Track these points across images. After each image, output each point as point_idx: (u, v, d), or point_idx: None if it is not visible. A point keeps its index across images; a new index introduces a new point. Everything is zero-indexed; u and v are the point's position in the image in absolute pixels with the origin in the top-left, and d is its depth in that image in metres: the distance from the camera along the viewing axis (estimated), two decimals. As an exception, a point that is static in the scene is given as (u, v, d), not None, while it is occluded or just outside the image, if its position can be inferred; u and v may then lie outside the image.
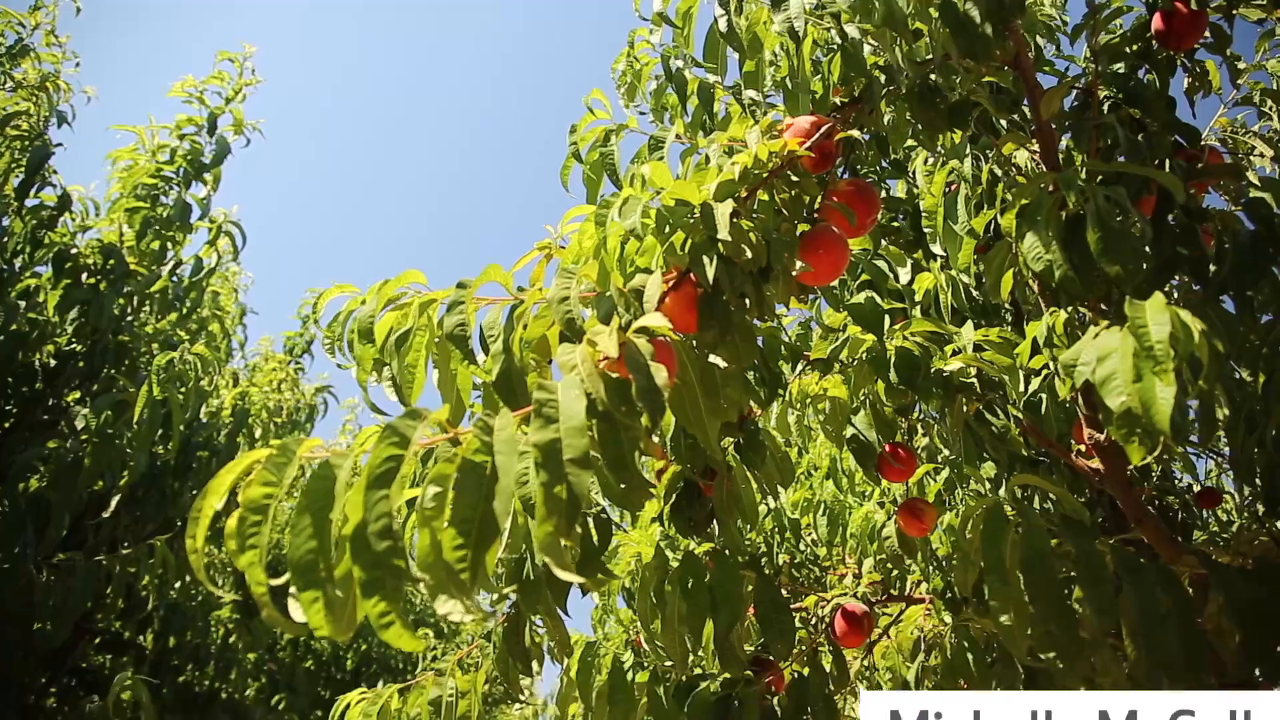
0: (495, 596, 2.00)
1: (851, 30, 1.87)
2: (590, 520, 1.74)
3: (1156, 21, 1.93)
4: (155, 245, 4.41)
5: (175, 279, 4.50)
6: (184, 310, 4.55)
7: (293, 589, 0.83)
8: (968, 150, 2.34)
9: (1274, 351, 1.74)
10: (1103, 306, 1.90)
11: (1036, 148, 2.04)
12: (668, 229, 1.40)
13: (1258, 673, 1.40)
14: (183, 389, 3.96)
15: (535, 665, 2.03)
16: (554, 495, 0.90)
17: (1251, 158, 3.11)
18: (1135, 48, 2.02)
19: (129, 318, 4.40)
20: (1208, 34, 1.99)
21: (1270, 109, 3.25)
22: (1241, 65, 3.06)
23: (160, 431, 4.06)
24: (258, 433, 5.53)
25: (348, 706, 2.13)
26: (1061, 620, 1.31)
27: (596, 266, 1.41)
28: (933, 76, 1.96)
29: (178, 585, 4.80)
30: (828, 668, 2.24)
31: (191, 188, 4.54)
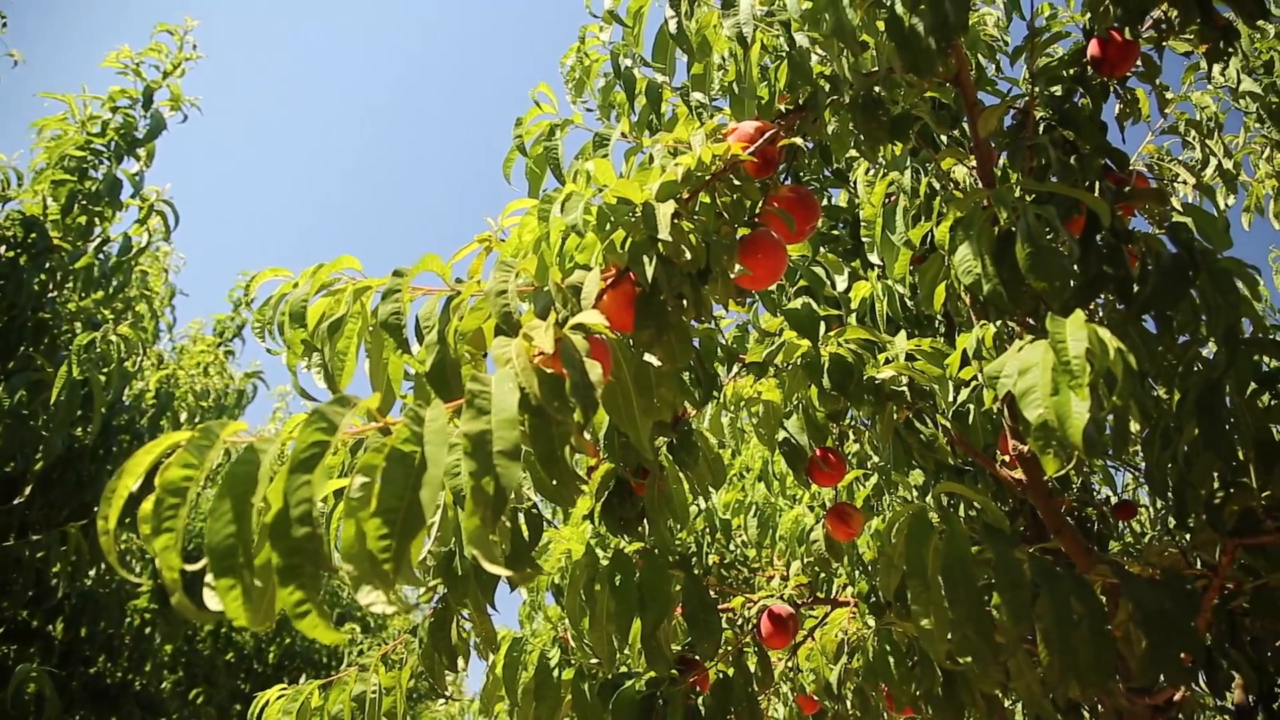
0: (422, 590, 1.98)
1: (800, 38, 1.89)
2: (521, 515, 1.73)
3: (1093, 48, 1.99)
4: (82, 220, 4.27)
5: (102, 256, 4.36)
6: (110, 289, 4.41)
7: (209, 576, 0.81)
8: (908, 163, 2.39)
9: (1189, 371, 1.80)
10: (1030, 321, 1.95)
11: (974, 164, 2.09)
12: (609, 227, 1.40)
13: (1162, 678, 1.45)
14: (105, 370, 3.84)
15: (461, 661, 2.01)
16: (481, 486, 0.89)
17: (1175, 184, 3.22)
18: (1072, 72, 2.08)
19: (50, 294, 4.25)
20: (1139, 63, 2.06)
21: (1194, 139, 3.38)
22: (1169, 95, 3.18)
23: (79, 413, 3.92)
24: (183, 417, 5.39)
25: (266, 703, 2.08)
26: (979, 625, 1.34)
27: (536, 261, 1.41)
28: (877, 89, 1.99)
29: (91, 573, 4.65)
30: (752, 668, 2.27)
31: (123, 163, 4.39)
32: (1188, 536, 1.97)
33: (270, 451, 0.87)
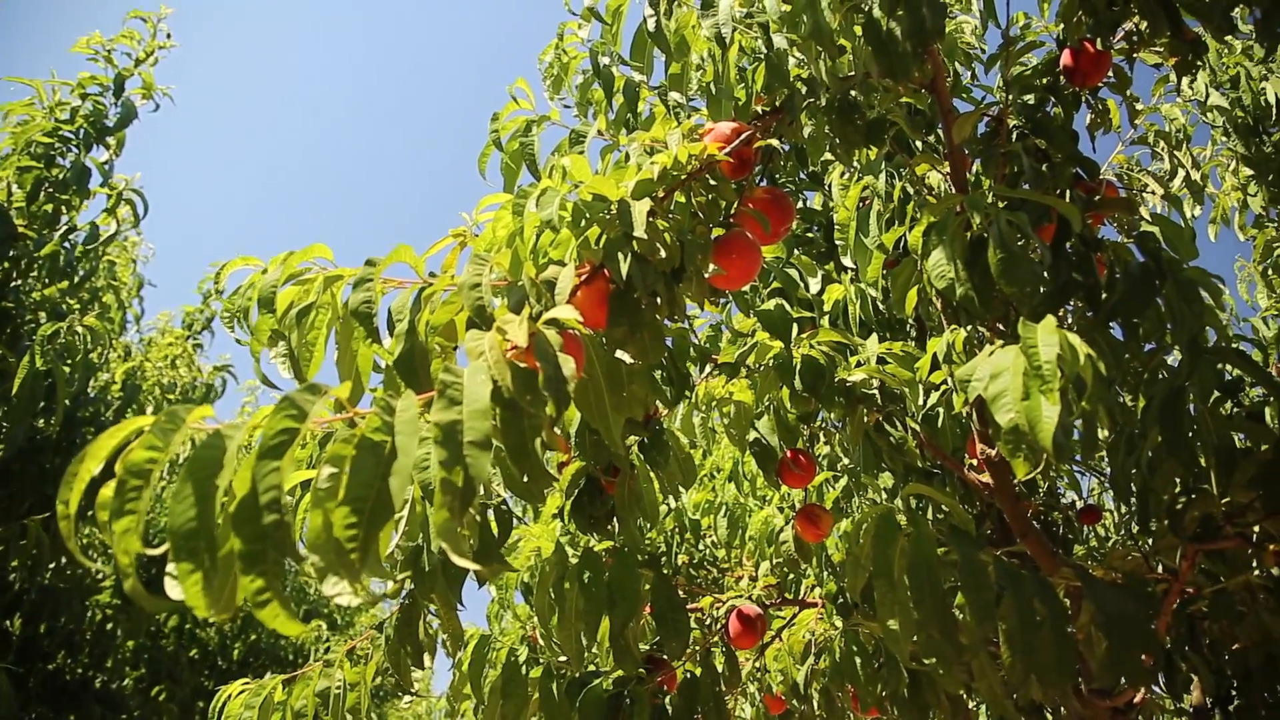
0: (389, 585, 1.96)
1: (778, 40, 1.90)
2: (490, 512, 1.73)
3: (1066, 58, 2.01)
4: (48, 208, 4.19)
5: (68, 245, 4.29)
6: (75, 279, 4.34)
7: (170, 560, 0.80)
8: (883, 167, 2.41)
9: (1154, 378, 1.83)
10: (1000, 326, 1.97)
11: (948, 170, 2.11)
12: (584, 223, 1.40)
13: (1122, 680, 1.47)
14: (70, 361, 3.78)
15: (427, 658, 2.00)
16: (450, 476, 0.89)
17: (1144, 194, 3.27)
18: (1045, 81, 2.10)
19: (14, 283, 4.18)
20: (1111, 74, 2.09)
21: (1162, 150, 3.43)
22: (1139, 106, 3.22)
23: (42, 405, 3.86)
24: (149, 410, 5.32)
25: (228, 698, 2.06)
26: (943, 625, 1.35)
27: (510, 255, 1.40)
28: (853, 93, 2.00)
29: (51, 567, 4.57)
30: (720, 668, 2.27)
31: (92, 150, 4.32)
32: (1150, 541, 2.00)
33: (237, 438, 0.86)
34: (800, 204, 3.10)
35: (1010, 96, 2.06)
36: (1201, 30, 1.93)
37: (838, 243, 2.40)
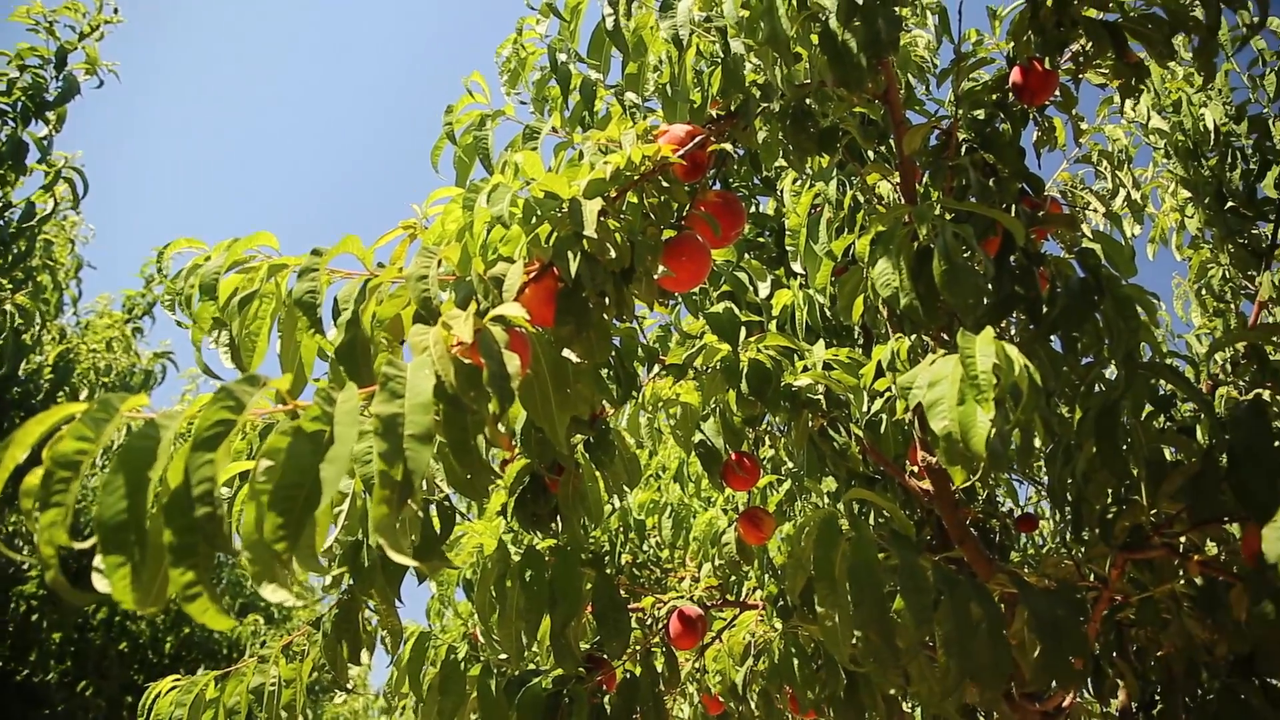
0: (327, 580, 1.94)
1: (735, 45, 1.91)
2: (433, 507, 1.71)
3: (1015, 75, 2.05)
4: (-18, 184, 4.07)
5: (2, 221, 4.15)
6: (9, 257, 4.20)
7: (98, 553, 0.78)
8: (834, 175, 2.43)
9: (1090, 391, 1.87)
10: (944, 336, 2.01)
11: (898, 180, 2.13)
12: (534, 220, 1.40)
13: (1053, 683, 1.51)
14: None
15: (365, 654, 1.98)
16: (390, 470, 0.88)
17: (1086, 212, 3.36)
18: (994, 97, 2.13)
19: (-57, 259, 4.04)
20: (1058, 93, 2.13)
21: (1105, 170, 3.52)
22: (1084, 126, 3.31)
23: (-31, 386, 3.74)
24: (82, 394, 5.18)
25: (158, 695, 2.01)
26: (881, 628, 1.37)
27: (459, 250, 1.39)
28: (808, 101, 2.02)
29: (-24, 554, 4.43)
30: (659, 668, 2.28)
31: (31, 125, 4.19)
32: (1082, 550, 2.04)
33: (172, 428, 0.84)
34: (753, 209, 3.13)
35: (960, 111, 2.09)
36: (1145, 55, 1.98)
37: (788, 248, 2.42)
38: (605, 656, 2.16)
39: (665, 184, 1.58)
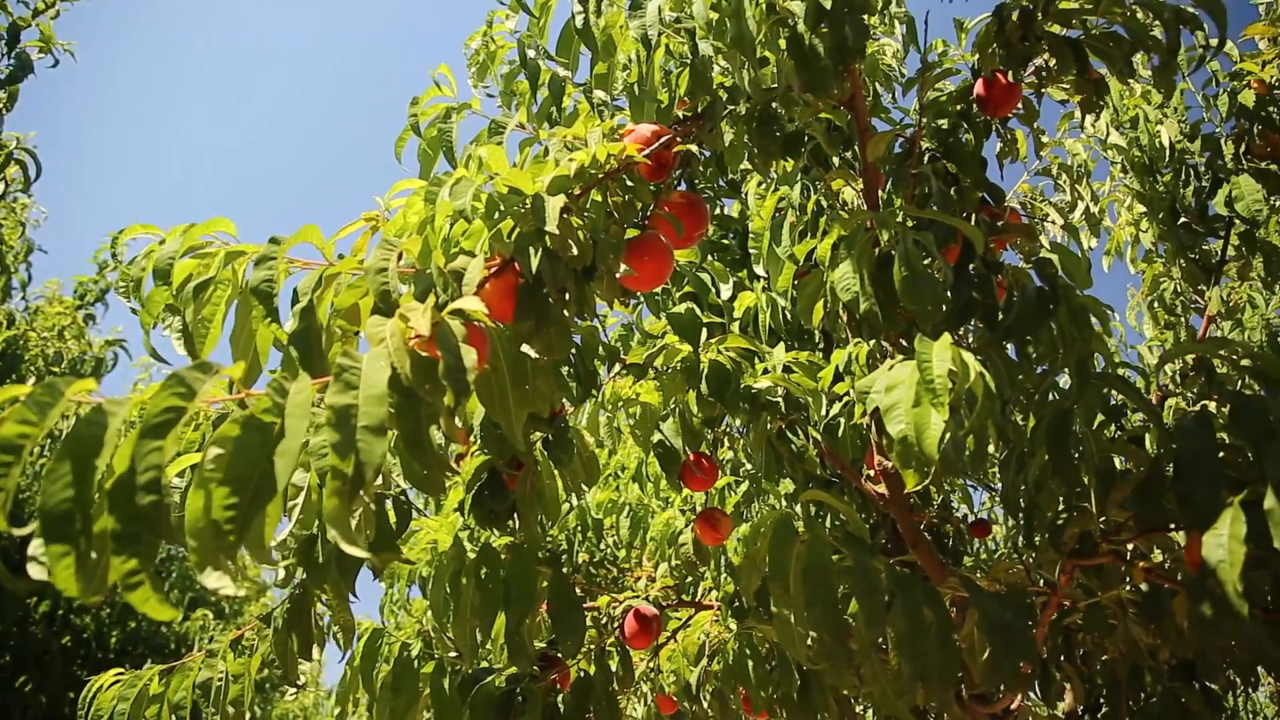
0: (280, 575, 1.91)
1: (704, 47, 1.91)
2: (389, 502, 1.69)
3: (979, 87, 2.07)
4: (-73, 163, 3.96)
5: (-51, 203, 4.05)
6: (-44, 238, 4.10)
7: (38, 542, 0.76)
8: (799, 179, 2.44)
9: (1044, 400, 1.90)
10: (903, 342, 2.03)
11: (861, 186, 2.15)
12: (497, 215, 1.39)
13: (1001, 685, 1.53)
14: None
15: (316, 650, 1.95)
16: (342, 461, 0.87)
17: (1045, 223, 3.41)
18: (958, 108, 2.16)
19: (-112, 240, 3.92)
20: (1020, 106, 2.17)
21: (1064, 183, 3.58)
22: (1045, 139, 3.36)
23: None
24: (30, 381, 5.06)
25: (99, 689, 1.97)
26: (834, 629, 1.38)
27: (419, 242, 1.38)
28: (774, 105, 2.03)
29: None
30: (614, 667, 2.28)
31: (-20, 104, 4.09)
32: (1033, 555, 2.07)
33: (120, 415, 0.83)
34: (718, 211, 3.14)
35: (925, 120, 2.11)
36: (1105, 71, 2.02)
37: (751, 251, 2.43)
38: (560, 655, 2.16)
39: (630, 183, 1.57)
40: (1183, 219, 3.32)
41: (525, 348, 1.34)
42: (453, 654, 2.13)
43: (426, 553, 2.12)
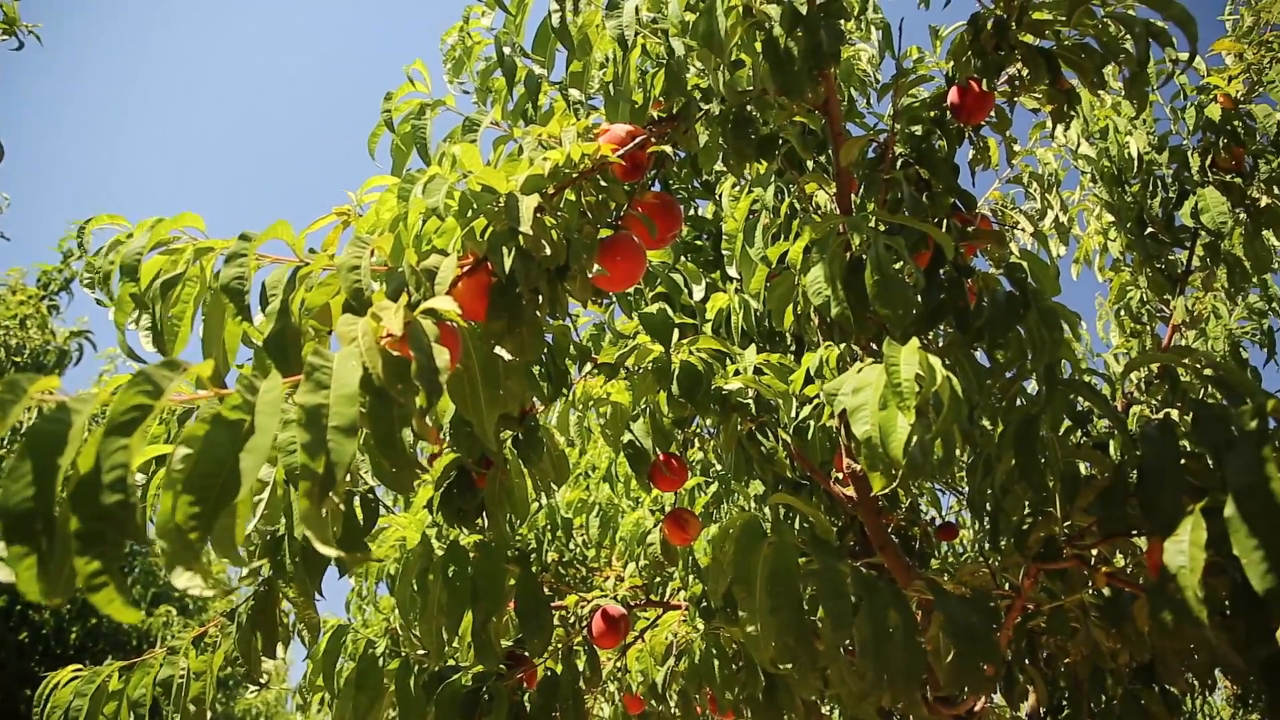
0: (244, 572, 1.89)
1: (679, 47, 1.91)
2: (356, 499, 1.68)
3: (953, 95, 2.09)
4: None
5: (-91, 189, 3.96)
6: (-86, 225, 4.01)
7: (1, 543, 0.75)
8: (772, 182, 2.45)
9: (1011, 405, 1.92)
10: (873, 345, 2.04)
11: (834, 190, 2.17)
12: (470, 213, 1.38)
13: (965, 688, 1.54)
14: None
15: (280, 647, 1.93)
16: (313, 461, 0.86)
17: (1015, 230, 3.45)
18: (932, 114, 2.18)
19: None
20: (993, 114, 2.19)
21: (1035, 191, 3.63)
22: (1017, 148, 3.40)
23: None
24: (-7, 373, 4.96)
25: (57, 685, 1.93)
26: (799, 632, 1.39)
27: (392, 240, 1.37)
28: (749, 108, 2.04)
29: None
30: (581, 667, 2.27)
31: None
32: (998, 559, 2.10)
33: (85, 413, 0.81)
34: (691, 212, 3.14)
35: (898, 126, 2.13)
36: (1077, 82, 2.04)
37: (724, 252, 2.44)
38: (527, 654, 2.15)
39: (604, 183, 1.57)
40: (1150, 229, 3.37)
41: (498, 348, 1.34)
42: (419, 651, 2.11)
43: (395, 550, 2.11)
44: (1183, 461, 1.38)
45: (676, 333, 2.14)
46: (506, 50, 2.54)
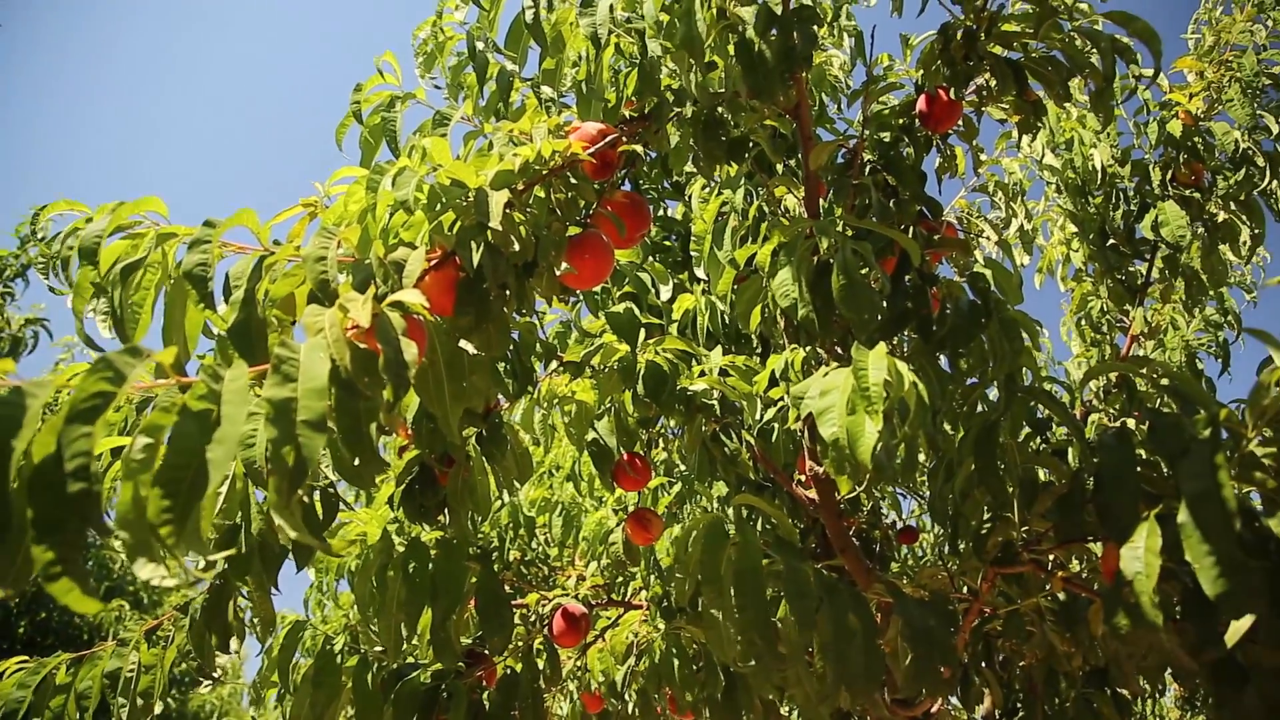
0: (201, 564, 1.86)
1: (653, 47, 1.92)
2: (316, 493, 1.66)
3: (921, 103, 2.11)
4: None
5: None
6: None
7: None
8: (742, 185, 2.46)
9: (972, 411, 1.95)
10: (838, 349, 2.06)
11: (803, 194, 2.18)
12: (439, 207, 1.37)
13: (923, 690, 1.56)
14: None
15: (235, 642, 1.91)
16: (281, 456, 0.85)
17: (980, 238, 3.49)
18: (901, 122, 2.20)
19: None
20: (961, 123, 2.21)
21: (1000, 200, 3.67)
22: (983, 157, 3.44)
23: None
24: (-57, 359, 4.83)
25: (1, 676, 1.89)
26: (764, 632, 1.39)
27: (359, 231, 1.36)
28: (720, 110, 2.04)
29: None
30: (541, 665, 2.27)
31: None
32: (957, 562, 2.12)
33: (41, 396, 0.79)
34: (661, 212, 3.15)
35: (868, 132, 2.15)
36: (1044, 94, 2.07)
37: (693, 253, 2.45)
38: (486, 652, 2.14)
39: (574, 180, 1.57)
40: (1111, 241, 3.43)
41: (464, 342, 1.33)
42: (378, 649, 2.09)
43: (355, 546, 2.09)
44: (1138, 469, 1.40)
45: (643, 332, 2.14)
46: (479, 45, 2.53)
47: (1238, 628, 1.07)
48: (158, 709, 1.96)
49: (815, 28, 1.88)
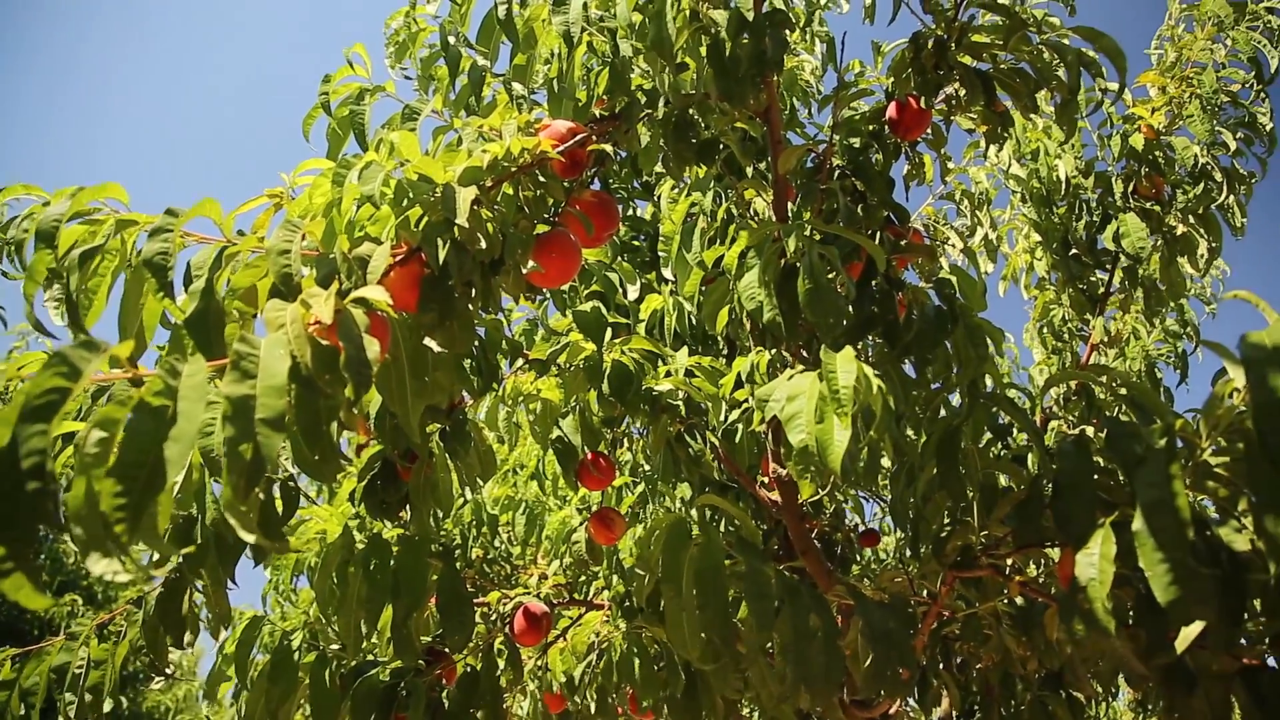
0: (155, 558, 1.83)
1: (625, 47, 1.91)
2: (276, 487, 1.64)
3: (891, 110, 2.13)
4: None
5: None
6: None
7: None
8: (711, 187, 2.47)
9: (935, 416, 1.97)
10: (803, 353, 2.07)
11: (772, 197, 2.19)
12: (405, 203, 1.36)
13: (881, 691, 1.57)
14: None
15: (190, 636, 1.88)
16: (238, 453, 0.83)
17: (946, 245, 3.53)
18: (870, 128, 2.21)
19: None
20: (930, 131, 2.23)
21: (966, 208, 3.72)
22: (951, 165, 3.48)
23: None
24: (-106, 345, 4.72)
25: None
26: (724, 632, 1.40)
27: (324, 225, 1.34)
28: (691, 111, 2.05)
29: None
30: (501, 664, 2.25)
31: None
32: (917, 565, 2.14)
33: (-12, 389, 0.78)
34: (630, 212, 3.15)
35: (837, 137, 2.16)
36: (1011, 105, 2.10)
37: (661, 254, 2.45)
38: (446, 650, 2.13)
39: (542, 178, 1.56)
40: (1074, 250, 3.48)
41: (427, 340, 1.32)
42: (336, 646, 2.07)
43: (315, 542, 2.06)
44: (1095, 477, 1.42)
45: (609, 332, 2.14)
46: (451, 39, 2.51)
47: (1188, 634, 1.09)
48: (108, 706, 1.92)
49: (787, 32, 1.88)
